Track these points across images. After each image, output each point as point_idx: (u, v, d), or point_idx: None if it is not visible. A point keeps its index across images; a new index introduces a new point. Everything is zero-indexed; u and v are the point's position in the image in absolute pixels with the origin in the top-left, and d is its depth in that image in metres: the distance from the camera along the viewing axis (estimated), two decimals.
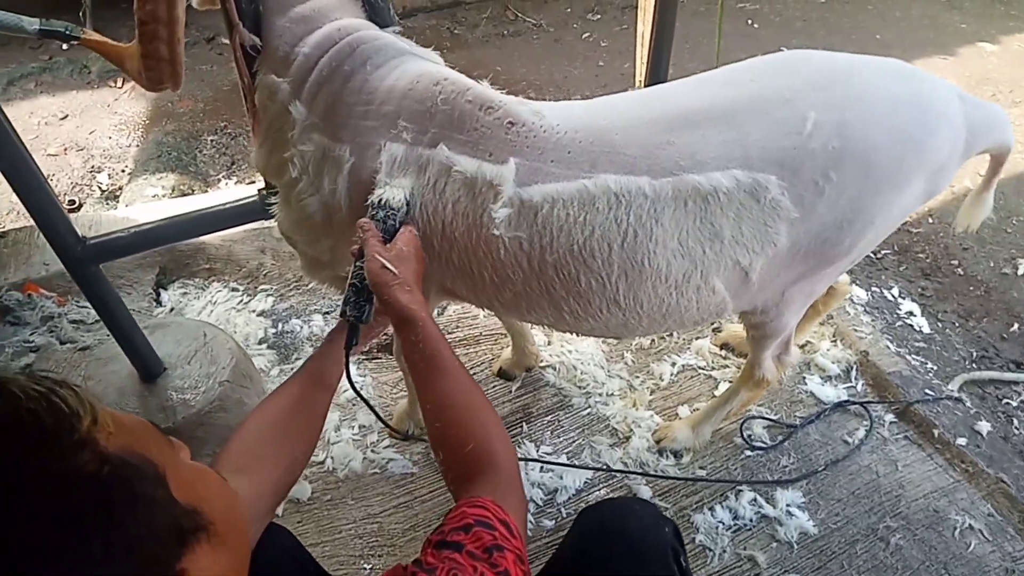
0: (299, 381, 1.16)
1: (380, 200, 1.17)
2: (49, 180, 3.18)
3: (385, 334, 2.06)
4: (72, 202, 3.07)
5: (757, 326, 1.49)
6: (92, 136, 3.46)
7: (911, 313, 2.40)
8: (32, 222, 1.48)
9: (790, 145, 1.13)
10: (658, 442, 1.86)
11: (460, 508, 0.84)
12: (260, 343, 2.20)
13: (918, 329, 2.36)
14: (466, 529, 0.80)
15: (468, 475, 0.95)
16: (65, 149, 3.38)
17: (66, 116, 3.57)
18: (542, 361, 2.07)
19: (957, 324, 2.40)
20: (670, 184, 1.14)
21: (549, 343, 2.15)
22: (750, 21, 4.15)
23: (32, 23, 1.23)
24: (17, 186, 1.39)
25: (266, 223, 1.94)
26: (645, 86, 1.89)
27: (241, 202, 1.61)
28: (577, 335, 1.47)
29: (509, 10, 4.31)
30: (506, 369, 2.04)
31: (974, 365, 2.25)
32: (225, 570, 0.59)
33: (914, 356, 2.24)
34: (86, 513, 0.48)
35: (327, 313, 2.29)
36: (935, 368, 2.20)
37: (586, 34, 4.09)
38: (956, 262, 2.64)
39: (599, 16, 4.24)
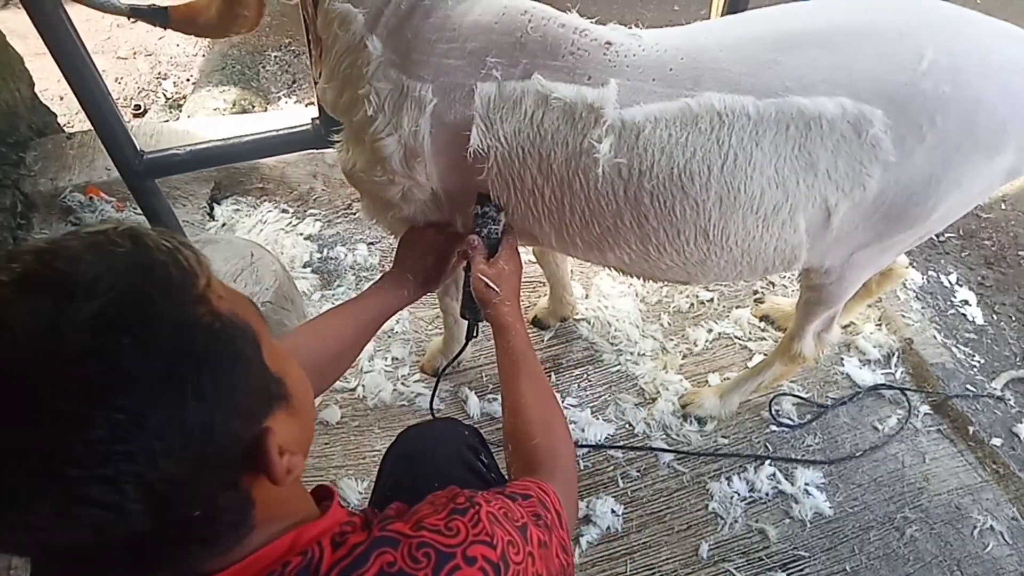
0: (354, 314, 1.26)
1: (483, 211, 1.28)
2: (117, 82, 3.26)
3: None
4: (138, 107, 3.14)
5: (815, 288, 1.45)
6: (161, 42, 3.49)
7: (966, 302, 2.32)
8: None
9: (902, 80, 1.08)
10: (684, 407, 1.86)
11: (526, 481, 0.88)
12: (304, 267, 2.25)
13: (971, 319, 2.27)
14: (525, 496, 0.83)
15: (531, 466, 1.02)
16: (134, 53, 3.44)
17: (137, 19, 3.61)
18: (578, 313, 2.07)
19: (1014, 319, 2.31)
20: (774, 105, 1.10)
21: (586, 296, 2.15)
22: None
23: (123, 5, 1.29)
24: (82, 98, 1.43)
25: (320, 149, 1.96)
26: None
27: (294, 130, 1.63)
28: (645, 279, 1.46)
29: None
30: (541, 318, 2.05)
31: None
32: (296, 439, 0.65)
33: (962, 347, 2.17)
34: (200, 356, 0.54)
35: (371, 244, 2.33)
36: (982, 362, 2.13)
37: None
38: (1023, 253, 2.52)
39: None
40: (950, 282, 2.38)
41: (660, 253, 1.28)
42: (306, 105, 3.06)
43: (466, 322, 1.42)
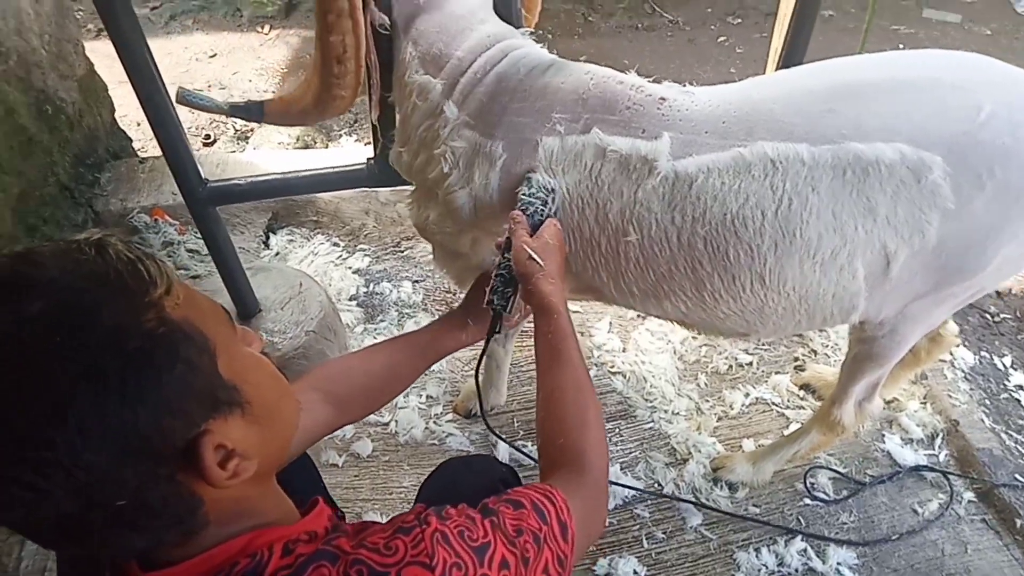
0: (409, 346, 1.27)
1: (529, 191, 1.22)
2: (191, 113, 3.43)
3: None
4: (208, 136, 3.29)
5: (866, 340, 1.44)
6: (235, 77, 3.68)
7: (1021, 387, 2.23)
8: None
9: (960, 130, 1.09)
10: (715, 470, 1.83)
11: (526, 488, 0.85)
12: (351, 299, 2.31)
13: None
14: (516, 505, 0.80)
15: (554, 466, 0.98)
16: (209, 86, 3.62)
17: (215, 55, 3.82)
18: (604, 376, 2.07)
19: None
20: (830, 152, 1.12)
21: (624, 350, 2.15)
22: (902, 45, 3.90)
23: (223, 104, 1.37)
24: (155, 126, 1.50)
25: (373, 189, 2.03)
26: None
27: (350, 168, 1.68)
28: (705, 332, 1.47)
29: (648, 3, 4.23)
30: None
31: None
32: (254, 445, 0.67)
33: (1015, 434, 2.08)
34: (130, 357, 0.58)
35: (416, 281, 2.37)
36: None
37: (722, 37, 3.97)
38: None
39: (740, 20, 4.09)
40: (1004, 365, 2.29)
41: (716, 300, 1.29)
42: (364, 144, 3.17)
43: (491, 314, 1.25)
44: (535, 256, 1.12)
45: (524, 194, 1.22)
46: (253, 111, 1.41)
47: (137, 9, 4.24)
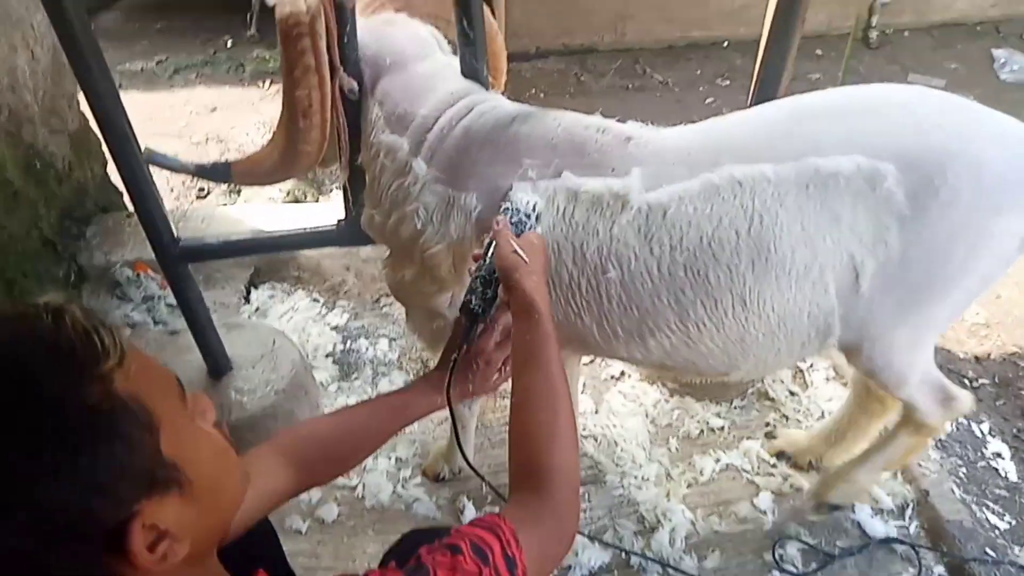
0: (381, 409, 1.22)
1: (513, 204, 1.22)
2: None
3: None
4: (202, 189, 3.35)
5: (870, 374, 1.46)
6: (233, 131, 3.77)
7: (999, 455, 2.20)
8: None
9: (910, 141, 1.18)
10: (816, 500, 1.80)
11: (471, 524, 0.82)
12: (327, 356, 2.32)
13: (1003, 475, 2.16)
14: (454, 551, 0.77)
15: (518, 484, 0.94)
16: (207, 139, 3.71)
17: (215, 109, 3.92)
18: (584, 429, 2.06)
19: None
20: (792, 168, 1.19)
21: (596, 411, 2.14)
22: None
23: (189, 165, 1.40)
24: (128, 183, 1.54)
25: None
26: None
27: (320, 228, 1.72)
28: (687, 374, 1.48)
29: (639, 64, 4.33)
30: None
31: None
32: (191, 525, 0.66)
33: (992, 504, 2.05)
34: (69, 434, 0.57)
35: (393, 339, 2.39)
36: (1013, 523, 2.01)
37: (710, 99, 4.05)
38: None
39: (728, 82, 4.18)
40: (982, 431, 2.27)
41: (700, 331, 1.31)
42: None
43: (464, 323, 1.19)
44: (519, 251, 1.09)
45: (507, 208, 1.22)
46: (220, 172, 1.45)
47: (143, 62, 4.36)
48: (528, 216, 1.22)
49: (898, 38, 4.56)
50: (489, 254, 1.16)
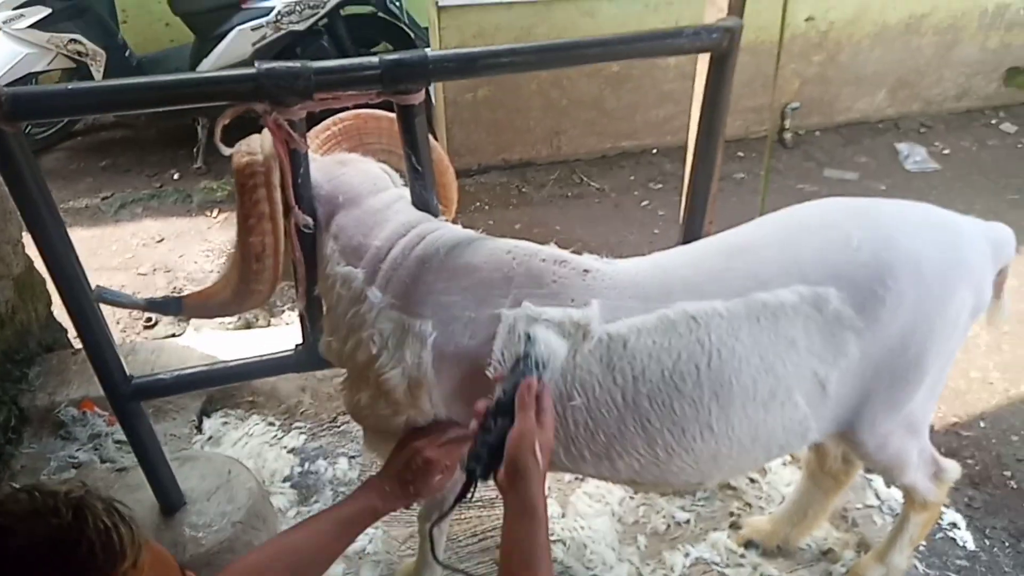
0: (323, 529, 1.22)
1: (535, 349, 1.20)
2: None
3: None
4: (149, 320, 3.32)
5: (869, 458, 1.53)
6: (181, 259, 3.78)
7: (954, 525, 2.26)
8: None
9: (842, 260, 1.26)
10: None
11: None
12: (284, 481, 2.26)
13: (961, 544, 2.20)
14: None
15: None
16: (155, 269, 3.71)
17: (162, 239, 3.94)
18: (553, 534, 2.04)
19: (1007, 544, 2.24)
20: (741, 303, 1.25)
21: (563, 515, 2.13)
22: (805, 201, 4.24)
23: (140, 300, 1.47)
24: (79, 326, 1.54)
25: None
26: None
27: (277, 355, 1.73)
28: (657, 489, 1.49)
29: (576, 174, 4.57)
30: None
31: None
32: None
33: (954, 575, 2.09)
34: None
35: (352, 457, 2.35)
36: None
37: (645, 202, 4.28)
38: (1009, 473, 2.49)
39: (660, 185, 4.43)
40: None
41: (669, 455, 1.33)
42: None
43: (466, 476, 1.15)
44: (539, 453, 1.04)
45: (527, 351, 1.19)
46: (171, 307, 1.47)
47: (88, 199, 4.37)
48: (546, 364, 1.19)
49: (810, 137, 4.95)
50: (499, 418, 1.13)
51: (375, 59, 1.30)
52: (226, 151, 1.42)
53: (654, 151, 4.72)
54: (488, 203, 4.29)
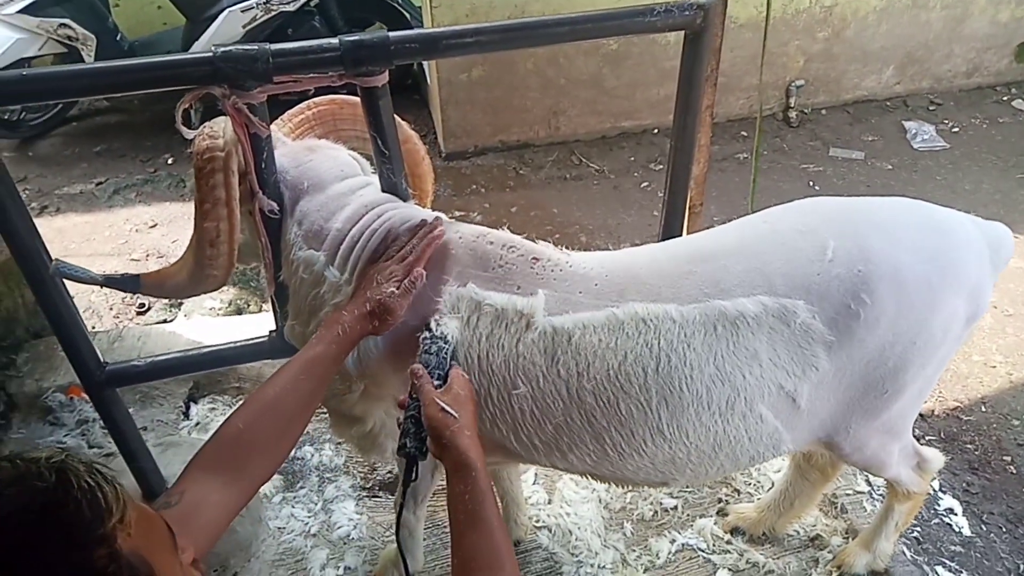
0: (298, 376, 1.15)
1: (433, 335, 1.22)
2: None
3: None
4: (142, 305, 3.31)
5: (847, 459, 1.48)
6: (174, 245, 3.77)
7: (951, 511, 2.22)
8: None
9: (814, 272, 1.19)
10: (839, 572, 1.83)
11: None
12: None
13: (957, 530, 2.17)
14: None
15: None
16: (147, 255, 3.70)
17: (155, 225, 3.93)
18: (530, 532, 2.02)
19: (1004, 529, 2.20)
20: (697, 310, 1.20)
21: (550, 502, 2.11)
22: (812, 183, 4.17)
23: (98, 276, 1.43)
24: (48, 312, 1.52)
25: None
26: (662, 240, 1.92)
27: (252, 341, 1.71)
28: (620, 485, 1.45)
29: (575, 155, 4.50)
30: None
31: None
32: None
33: (948, 561, 2.05)
34: None
35: (338, 443, 2.33)
36: None
37: (645, 183, 4.21)
38: (1008, 458, 2.44)
39: (661, 166, 4.36)
40: (933, 489, 2.29)
41: (621, 454, 1.30)
42: None
43: (405, 465, 1.18)
44: (448, 408, 1.08)
45: (426, 338, 1.21)
46: (129, 283, 1.45)
47: (83, 185, 4.35)
48: (448, 346, 1.21)
49: (816, 116, 4.85)
50: (413, 397, 1.15)
51: (335, 40, 1.26)
52: (188, 134, 1.39)
53: (655, 131, 4.64)
54: (485, 186, 4.24)
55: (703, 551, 1.95)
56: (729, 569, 1.88)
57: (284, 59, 1.25)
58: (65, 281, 1.49)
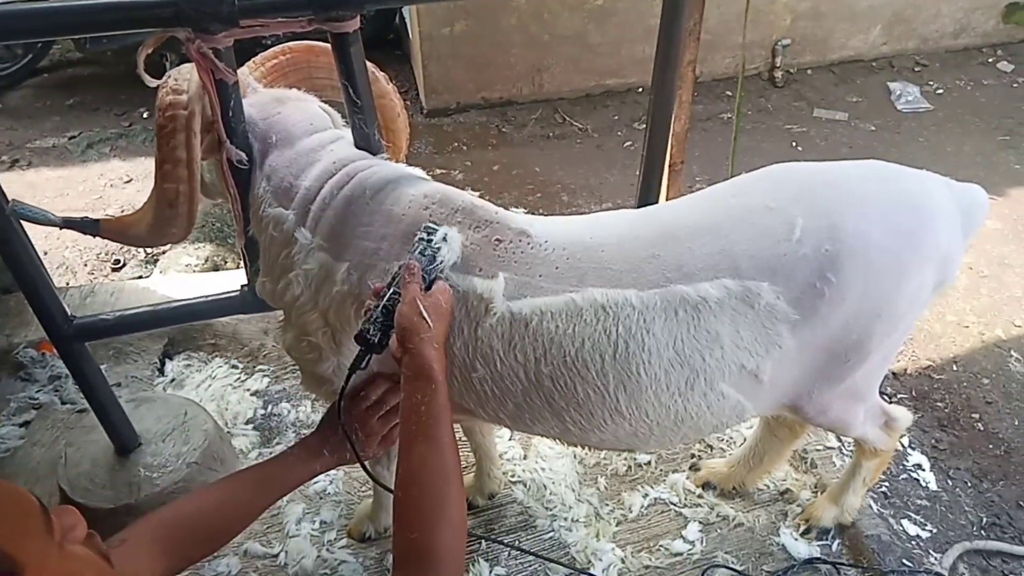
0: (251, 481, 1.21)
1: (431, 240, 1.19)
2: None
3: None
4: (117, 261, 3.28)
5: (811, 422, 1.51)
6: None
7: (919, 466, 2.27)
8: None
9: (780, 252, 1.16)
10: (807, 526, 1.86)
11: None
12: (247, 423, 2.25)
13: (924, 485, 2.22)
14: None
15: (401, 563, 0.92)
16: (123, 210, 3.64)
17: (130, 180, 3.86)
18: (505, 487, 2.03)
19: (969, 484, 2.25)
20: (658, 295, 1.18)
21: (525, 457, 2.12)
22: (795, 143, 4.16)
23: (56, 217, 1.40)
24: (12, 265, 1.49)
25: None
26: (638, 207, 1.91)
27: (223, 296, 1.69)
28: (589, 449, 1.47)
29: (558, 113, 4.46)
30: (468, 497, 2.01)
31: (982, 532, 2.09)
32: None
33: (913, 515, 2.10)
34: None
35: (316, 399, 2.34)
36: (935, 531, 2.06)
37: (628, 142, 4.18)
38: (977, 415, 2.49)
39: (644, 125, 4.33)
40: (902, 445, 2.34)
41: (583, 430, 1.30)
42: None
43: (359, 348, 1.15)
44: (426, 314, 1.04)
45: (422, 242, 1.19)
46: (88, 226, 1.42)
47: (55, 139, 4.28)
48: (439, 248, 1.19)
49: (802, 76, 4.82)
50: (392, 288, 1.14)
51: None
52: (151, 83, 1.35)
53: (639, 89, 4.59)
54: (466, 143, 4.19)
55: (675, 505, 1.98)
56: (700, 522, 1.91)
57: (251, 2, 1.20)
58: (27, 227, 1.45)
